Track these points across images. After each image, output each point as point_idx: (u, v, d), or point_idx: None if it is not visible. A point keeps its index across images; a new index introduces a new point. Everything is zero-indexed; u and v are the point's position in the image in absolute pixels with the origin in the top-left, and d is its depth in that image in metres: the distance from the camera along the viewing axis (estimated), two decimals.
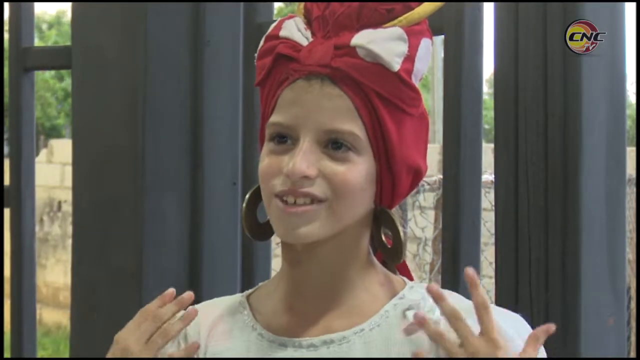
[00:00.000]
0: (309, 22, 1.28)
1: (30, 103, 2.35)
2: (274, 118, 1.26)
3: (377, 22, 1.25)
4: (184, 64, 2.11)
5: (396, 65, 1.23)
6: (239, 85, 2.11)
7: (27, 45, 2.33)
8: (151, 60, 2.07)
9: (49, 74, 18.00)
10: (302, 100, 1.24)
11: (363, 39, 1.23)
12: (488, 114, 2.83)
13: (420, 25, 1.27)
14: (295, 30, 1.27)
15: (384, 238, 1.31)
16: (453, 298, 1.31)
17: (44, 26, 20.97)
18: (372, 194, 1.27)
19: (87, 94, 2.16)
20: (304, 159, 1.22)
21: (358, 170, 1.24)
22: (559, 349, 1.59)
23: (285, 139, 1.25)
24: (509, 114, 1.69)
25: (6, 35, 2.34)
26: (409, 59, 1.24)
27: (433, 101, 14.28)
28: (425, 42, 1.26)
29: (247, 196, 1.34)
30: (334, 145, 1.23)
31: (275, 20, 1.32)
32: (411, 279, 1.36)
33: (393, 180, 1.27)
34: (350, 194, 1.23)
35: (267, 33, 1.31)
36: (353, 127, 1.23)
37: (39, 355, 2.45)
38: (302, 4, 1.30)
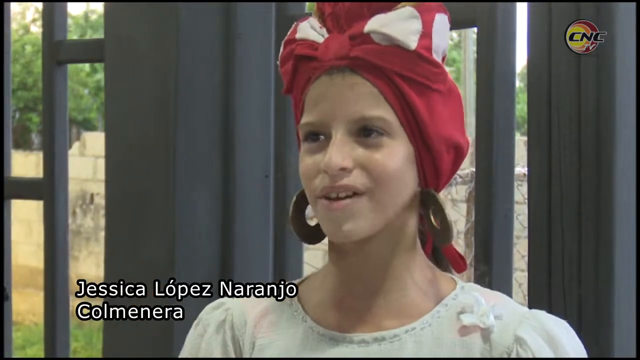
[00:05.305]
0: (323, 21, 1.29)
1: (63, 96, 2.36)
2: (304, 119, 1.27)
3: (387, 7, 1.25)
4: (216, 56, 2.11)
5: (413, 43, 1.23)
6: (270, 77, 2.11)
7: (60, 38, 2.34)
8: (183, 53, 2.07)
9: (82, 69, 18.04)
10: (326, 95, 1.24)
11: (376, 23, 1.23)
12: (520, 106, 2.82)
13: (431, 3, 1.26)
14: (310, 30, 1.28)
15: (433, 221, 1.29)
16: (504, 302, 1.30)
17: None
18: (413, 177, 1.26)
19: (119, 86, 2.17)
20: (338, 152, 1.22)
21: (394, 154, 1.23)
22: (592, 343, 1.58)
23: (318, 137, 1.25)
24: (542, 107, 1.68)
25: (38, 29, 2.35)
26: (425, 35, 1.24)
27: (465, 93, 14.22)
28: (439, 17, 1.26)
29: (294, 199, 1.34)
30: (366, 133, 1.23)
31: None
32: (464, 266, 1.34)
33: (434, 160, 1.26)
34: (390, 179, 1.23)
35: (285, 38, 1.31)
36: (381, 111, 1.23)
37: (72, 347, 2.46)
38: (315, 5, 1.31)
